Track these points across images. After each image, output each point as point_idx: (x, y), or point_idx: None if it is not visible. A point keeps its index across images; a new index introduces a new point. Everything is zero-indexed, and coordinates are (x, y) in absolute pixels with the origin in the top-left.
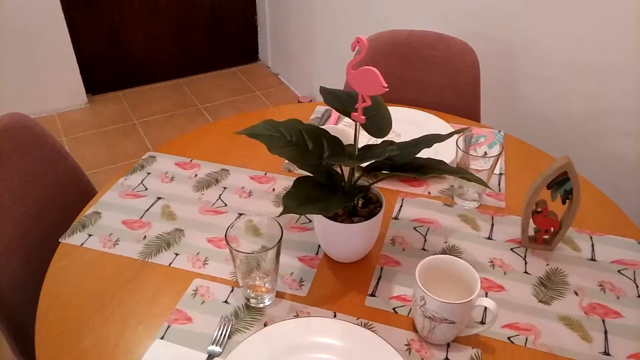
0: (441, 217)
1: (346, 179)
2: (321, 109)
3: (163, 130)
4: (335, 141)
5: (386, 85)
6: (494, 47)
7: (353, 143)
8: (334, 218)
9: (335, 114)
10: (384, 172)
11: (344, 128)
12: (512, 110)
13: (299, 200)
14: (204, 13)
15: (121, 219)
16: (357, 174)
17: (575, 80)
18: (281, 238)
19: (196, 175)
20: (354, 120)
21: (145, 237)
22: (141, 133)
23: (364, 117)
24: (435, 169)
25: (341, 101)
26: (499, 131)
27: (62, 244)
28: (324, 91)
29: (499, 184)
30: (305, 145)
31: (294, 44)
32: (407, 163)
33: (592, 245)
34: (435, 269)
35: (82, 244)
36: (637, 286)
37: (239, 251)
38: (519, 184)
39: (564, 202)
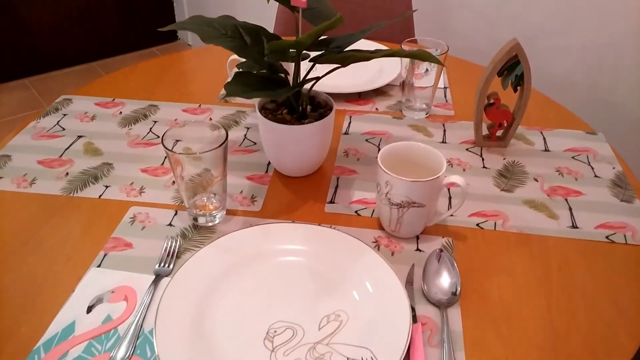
0: (392, 128)
1: (291, 75)
2: None
3: None
4: (275, 38)
5: None
6: None
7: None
8: (283, 124)
9: None
10: (332, 55)
11: None
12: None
13: (242, 87)
14: None
15: (36, 159)
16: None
17: (502, 6)
18: (227, 138)
19: (121, 112)
20: (294, 5)
21: (67, 174)
22: None
23: (304, 0)
24: (385, 53)
25: None
26: (437, 50)
27: None
28: None
29: (445, 96)
30: (243, 40)
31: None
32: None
33: (544, 138)
34: (396, 157)
35: None
36: (592, 168)
37: (182, 153)
38: (464, 95)
39: (515, 89)
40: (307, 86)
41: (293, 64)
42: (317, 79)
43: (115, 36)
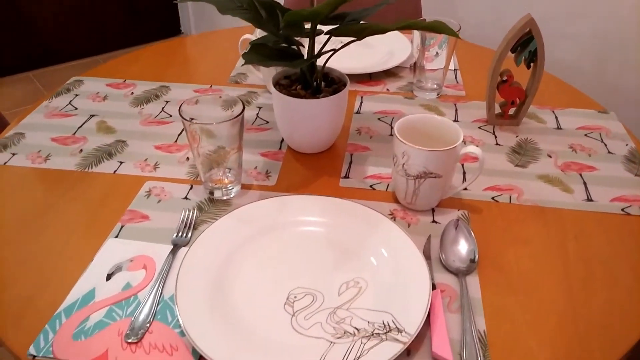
0: (404, 108)
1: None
2: None
3: None
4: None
5: None
6: None
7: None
8: (298, 98)
9: None
10: (348, 27)
11: None
12: None
13: (260, 56)
14: None
15: (50, 136)
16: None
17: None
18: (243, 108)
19: (132, 93)
20: None
21: (81, 150)
22: None
23: None
24: (401, 25)
25: None
26: None
27: None
28: None
29: (456, 77)
30: (258, 13)
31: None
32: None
33: (556, 117)
34: (412, 130)
35: (5, 163)
36: (605, 145)
37: (200, 123)
38: (474, 77)
39: (528, 66)
40: (322, 61)
41: (308, 39)
42: (334, 51)
43: (118, 30)
